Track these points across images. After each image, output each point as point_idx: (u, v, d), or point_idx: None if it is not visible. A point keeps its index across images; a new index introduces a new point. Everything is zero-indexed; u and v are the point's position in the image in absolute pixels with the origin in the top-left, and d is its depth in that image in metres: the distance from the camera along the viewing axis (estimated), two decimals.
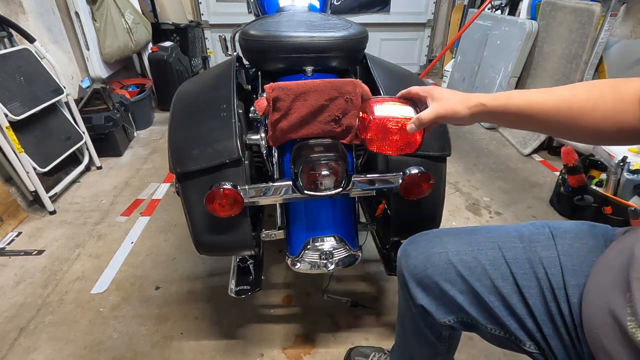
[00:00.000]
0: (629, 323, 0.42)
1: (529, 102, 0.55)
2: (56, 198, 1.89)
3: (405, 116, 0.66)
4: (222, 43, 1.38)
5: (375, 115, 0.68)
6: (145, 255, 1.53)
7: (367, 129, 0.70)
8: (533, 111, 0.55)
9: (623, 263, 0.46)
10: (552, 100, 0.53)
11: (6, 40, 1.82)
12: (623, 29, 2.11)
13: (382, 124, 0.68)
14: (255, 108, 0.91)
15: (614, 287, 0.46)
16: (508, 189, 2.00)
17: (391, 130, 0.67)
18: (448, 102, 0.60)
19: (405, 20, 3.89)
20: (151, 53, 2.85)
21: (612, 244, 0.54)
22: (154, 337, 1.18)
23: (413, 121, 0.64)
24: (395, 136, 0.68)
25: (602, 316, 0.46)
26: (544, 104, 0.54)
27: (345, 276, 1.40)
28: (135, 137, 2.61)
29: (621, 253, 0.48)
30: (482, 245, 0.63)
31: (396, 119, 0.66)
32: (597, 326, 0.47)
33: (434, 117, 0.61)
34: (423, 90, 0.66)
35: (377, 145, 0.71)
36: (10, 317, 1.26)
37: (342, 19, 1.05)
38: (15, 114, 1.59)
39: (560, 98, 0.53)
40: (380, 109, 0.69)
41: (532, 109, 0.55)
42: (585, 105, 0.51)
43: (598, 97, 0.50)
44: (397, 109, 0.68)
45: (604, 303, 0.46)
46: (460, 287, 0.62)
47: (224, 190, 0.78)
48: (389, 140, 0.69)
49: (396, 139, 0.68)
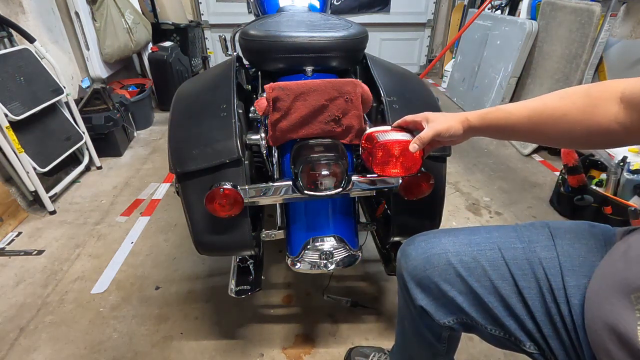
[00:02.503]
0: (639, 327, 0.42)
1: (504, 114, 0.61)
2: (56, 198, 1.89)
3: (406, 139, 0.72)
4: (222, 43, 1.38)
5: (380, 140, 0.73)
6: (145, 255, 1.53)
7: (373, 155, 0.75)
8: (509, 122, 0.60)
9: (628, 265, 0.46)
10: (525, 110, 0.59)
11: (6, 40, 1.82)
12: (623, 29, 2.11)
13: (387, 148, 0.74)
14: (255, 108, 0.91)
15: (618, 289, 0.46)
16: (508, 189, 2.00)
17: (396, 153, 0.74)
18: (443, 120, 0.66)
19: (405, 20, 3.90)
20: (151, 53, 2.85)
21: (616, 245, 0.54)
22: (154, 337, 1.18)
23: (414, 141, 0.68)
24: (401, 157, 0.74)
25: (605, 318, 0.46)
26: (517, 114, 0.59)
27: (345, 276, 1.40)
28: (135, 137, 2.61)
29: (625, 254, 0.48)
30: (482, 245, 0.63)
31: (399, 141, 0.73)
32: (600, 328, 0.47)
33: (432, 134, 0.66)
34: (417, 116, 0.72)
35: (385, 168, 0.76)
36: (10, 317, 1.26)
37: (342, 19, 1.04)
38: (15, 114, 1.59)
39: (533, 107, 0.58)
40: (382, 136, 0.75)
41: (508, 120, 0.60)
42: (555, 112, 0.55)
43: (569, 103, 0.54)
44: (397, 134, 0.74)
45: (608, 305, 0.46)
46: (459, 287, 0.62)
47: (224, 190, 0.78)
48: (395, 162, 0.75)
49: (402, 160, 0.74)
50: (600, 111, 0.51)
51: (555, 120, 0.55)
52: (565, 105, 0.54)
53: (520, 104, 0.61)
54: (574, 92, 0.55)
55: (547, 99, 0.58)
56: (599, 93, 0.52)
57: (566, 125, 0.54)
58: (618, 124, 0.50)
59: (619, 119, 0.50)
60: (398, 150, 0.73)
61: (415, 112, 0.94)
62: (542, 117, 0.57)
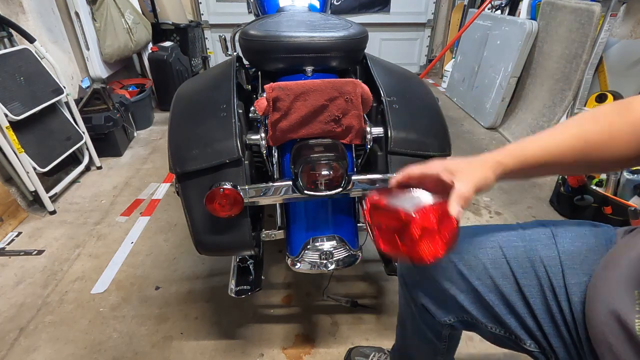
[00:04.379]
0: (637, 321, 0.42)
1: (545, 149, 0.51)
2: (56, 198, 1.89)
3: (431, 202, 0.52)
4: (222, 43, 1.38)
5: (415, 216, 0.50)
6: (145, 255, 1.53)
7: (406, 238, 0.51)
8: (551, 156, 0.51)
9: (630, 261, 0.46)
10: (567, 140, 0.50)
11: (6, 40, 1.82)
12: (623, 29, 2.11)
13: (425, 222, 0.50)
14: (255, 108, 0.91)
15: (620, 285, 0.46)
16: (508, 189, 2.00)
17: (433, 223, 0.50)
18: (473, 170, 0.51)
19: (405, 20, 3.89)
20: (151, 53, 2.85)
21: (618, 243, 0.54)
22: (154, 337, 1.18)
23: (456, 201, 0.49)
24: (441, 230, 0.50)
25: (607, 314, 0.46)
26: (559, 146, 0.50)
27: (345, 276, 1.40)
28: (135, 137, 2.61)
29: (627, 251, 0.48)
30: (483, 244, 0.63)
31: (434, 208, 0.51)
32: (602, 324, 0.47)
33: (474, 189, 0.50)
34: (428, 167, 0.54)
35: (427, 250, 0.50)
36: (10, 317, 1.26)
37: (342, 19, 1.05)
38: (15, 114, 1.59)
39: (573, 136, 0.50)
40: (402, 202, 0.52)
41: (550, 154, 0.51)
42: (600, 137, 0.49)
43: (609, 125, 0.49)
44: (417, 198, 0.53)
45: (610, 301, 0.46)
46: (460, 286, 0.62)
47: (224, 190, 0.78)
48: (433, 239, 0.50)
49: (442, 232, 0.50)
50: None
51: (603, 146, 0.49)
52: (607, 127, 0.49)
53: (557, 133, 0.51)
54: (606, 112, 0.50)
55: (584, 124, 0.50)
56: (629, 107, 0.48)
57: (618, 148, 0.49)
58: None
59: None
60: (435, 219, 0.50)
61: (415, 112, 0.94)
62: (588, 145, 0.49)
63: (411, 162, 0.87)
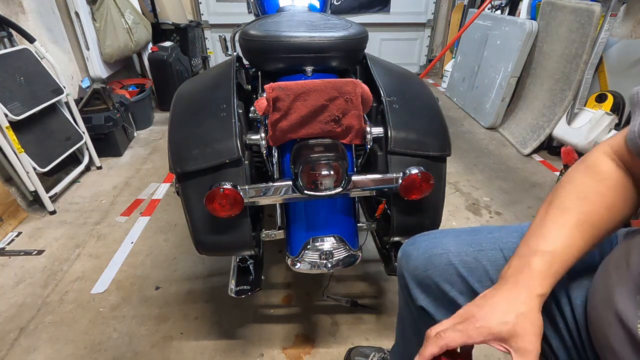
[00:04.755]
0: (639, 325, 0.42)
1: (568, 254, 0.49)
2: (56, 198, 1.89)
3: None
4: (222, 43, 1.38)
5: None
6: (145, 255, 1.53)
7: None
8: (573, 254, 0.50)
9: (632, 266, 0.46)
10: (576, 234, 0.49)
11: (6, 40, 1.82)
12: (623, 29, 2.11)
13: None
14: (255, 108, 0.91)
15: (621, 287, 0.46)
16: (508, 189, 2.00)
17: None
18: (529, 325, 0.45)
19: (405, 20, 3.89)
20: (151, 53, 2.85)
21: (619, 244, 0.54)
22: (154, 337, 1.18)
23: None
24: None
25: (609, 316, 0.46)
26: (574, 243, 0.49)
27: (345, 276, 1.40)
28: (135, 137, 2.61)
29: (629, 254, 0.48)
30: (483, 245, 0.63)
31: None
32: (604, 326, 0.46)
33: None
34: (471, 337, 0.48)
35: None
36: (10, 317, 1.26)
37: (342, 19, 1.05)
38: (15, 114, 1.59)
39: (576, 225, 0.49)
40: None
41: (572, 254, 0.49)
42: (598, 210, 0.50)
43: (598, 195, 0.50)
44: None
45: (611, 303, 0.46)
46: (460, 288, 0.62)
47: (224, 190, 0.78)
48: None
49: None
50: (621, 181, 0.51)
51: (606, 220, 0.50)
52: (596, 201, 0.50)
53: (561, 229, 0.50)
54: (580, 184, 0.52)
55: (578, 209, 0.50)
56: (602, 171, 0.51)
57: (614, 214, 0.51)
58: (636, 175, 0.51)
59: (633, 171, 0.51)
60: None
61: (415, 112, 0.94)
62: (592, 226, 0.50)
63: (411, 162, 0.87)
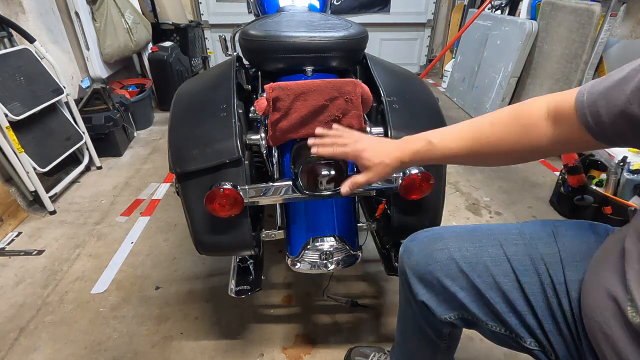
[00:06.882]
0: (629, 309, 0.43)
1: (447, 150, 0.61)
2: (56, 198, 1.89)
3: None
4: (222, 43, 1.38)
5: None
6: (145, 255, 1.53)
7: None
8: (452, 155, 0.61)
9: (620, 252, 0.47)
10: (464, 143, 0.60)
11: (6, 40, 1.82)
12: (623, 29, 2.11)
13: None
14: (255, 108, 0.91)
15: (612, 273, 0.47)
16: (508, 189, 2.00)
17: None
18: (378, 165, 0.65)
19: (405, 20, 3.89)
20: (151, 53, 2.85)
21: (609, 236, 0.55)
22: (154, 337, 1.18)
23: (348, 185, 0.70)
24: None
25: (602, 300, 0.47)
26: (457, 149, 0.60)
27: (345, 276, 1.40)
28: (135, 137, 2.61)
29: (617, 243, 0.49)
30: (484, 242, 0.63)
31: None
32: (597, 312, 0.48)
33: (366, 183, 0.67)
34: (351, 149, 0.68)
35: None
36: (10, 317, 1.26)
37: (342, 19, 1.05)
38: (15, 114, 1.59)
39: (470, 138, 0.59)
40: None
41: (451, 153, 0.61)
42: (490, 140, 0.57)
43: (502, 129, 0.57)
44: None
45: (604, 288, 0.47)
46: (461, 283, 0.62)
47: (224, 190, 0.78)
48: None
49: None
50: (533, 131, 0.54)
51: (492, 148, 0.57)
52: (499, 131, 0.57)
53: (454, 133, 0.61)
54: (503, 117, 0.57)
55: (480, 127, 0.59)
56: (527, 114, 0.55)
57: (503, 150, 0.57)
58: (547, 139, 0.53)
59: (548, 135, 0.53)
60: None
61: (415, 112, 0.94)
62: (480, 147, 0.58)
63: None
